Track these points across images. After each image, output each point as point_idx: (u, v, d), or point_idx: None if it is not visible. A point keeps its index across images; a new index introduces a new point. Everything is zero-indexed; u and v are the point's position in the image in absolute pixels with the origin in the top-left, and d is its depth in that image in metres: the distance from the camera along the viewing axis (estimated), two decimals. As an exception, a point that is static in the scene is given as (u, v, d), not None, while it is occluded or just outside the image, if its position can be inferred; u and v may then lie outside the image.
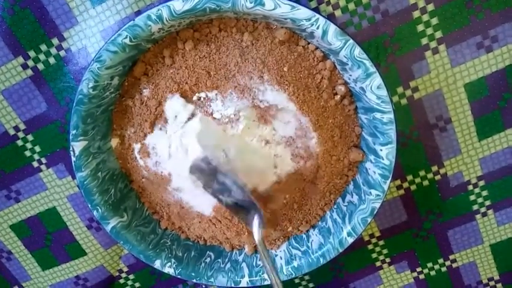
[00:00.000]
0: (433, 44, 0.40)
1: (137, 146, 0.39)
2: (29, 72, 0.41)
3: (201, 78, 0.35)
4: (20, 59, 0.40)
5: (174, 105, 0.36)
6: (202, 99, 0.36)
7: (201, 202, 0.41)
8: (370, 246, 0.50)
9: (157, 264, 0.42)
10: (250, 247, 0.44)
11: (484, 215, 0.48)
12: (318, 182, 0.40)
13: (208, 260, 0.44)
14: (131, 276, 0.53)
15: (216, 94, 0.36)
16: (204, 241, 0.45)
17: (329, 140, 0.38)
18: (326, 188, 0.41)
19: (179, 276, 0.42)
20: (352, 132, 0.39)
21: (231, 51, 0.35)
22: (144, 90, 0.37)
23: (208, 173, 0.37)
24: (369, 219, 0.38)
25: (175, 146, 0.37)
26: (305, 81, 0.36)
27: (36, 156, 0.45)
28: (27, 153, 0.45)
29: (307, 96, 0.36)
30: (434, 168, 0.45)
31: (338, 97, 0.37)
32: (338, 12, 0.39)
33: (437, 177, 0.46)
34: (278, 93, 0.35)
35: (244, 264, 0.43)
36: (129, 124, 0.39)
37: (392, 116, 0.34)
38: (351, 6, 0.38)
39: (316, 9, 0.38)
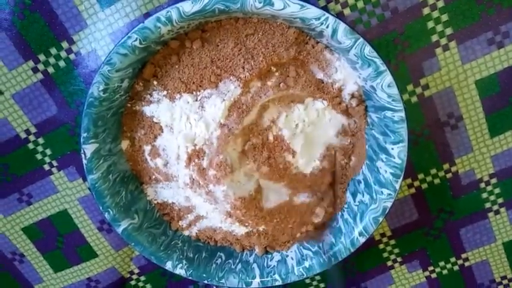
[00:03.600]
0: (443, 41, 0.39)
1: (147, 148, 0.39)
2: (39, 75, 0.41)
3: (205, 75, 0.35)
4: (30, 63, 0.41)
5: (182, 106, 0.36)
6: (207, 95, 0.36)
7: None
8: (381, 246, 0.50)
9: (169, 265, 0.42)
10: (261, 248, 0.44)
11: (497, 212, 0.48)
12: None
13: (219, 261, 0.43)
14: (142, 278, 0.53)
15: (221, 90, 0.36)
16: (215, 242, 0.45)
17: None
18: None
19: (190, 278, 0.42)
20: None
21: (237, 49, 0.35)
22: (153, 93, 0.37)
23: None
24: (380, 219, 0.38)
25: (182, 145, 0.37)
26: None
27: (47, 159, 0.45)
28: (39, 156, 0.45)
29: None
30: (446, 166, 0.45)
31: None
32: (346, 11, 0.38)
33: (449, 175, 0.45)
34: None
35: (255, 265, 0.43)
36: (139, 126, 0.39)
37: (403, 114, 0.34)
38: (360, 4, 0.38)
39: (325, 8, 0.38)
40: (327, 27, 0.32)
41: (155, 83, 0.36)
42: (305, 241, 0.43)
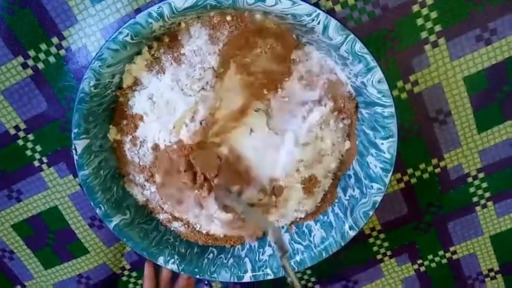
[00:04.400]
0: (433, 38, 0.40)
1: (127, 139, 0.39)
2: (29, 71, 0.41)
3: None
4: (20, 59, 0.40)
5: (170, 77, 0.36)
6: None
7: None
8: (371, 240, 0.51)
9: (161, 260, 0.42)
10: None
11: (484, 206, 0.48)
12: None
13: (211, 255, 0.44)
14: (133, 274, 0.53)
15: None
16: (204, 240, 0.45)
17: None
18: None
19: (182, 273, 0.42)
20: None
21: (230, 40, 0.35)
22: (141, 79, 0.36)
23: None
24: (370, 213, 0.38)
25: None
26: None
27: (37, 156, 0.45)
28: (28, 153, 0.45)
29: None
30: (434, 161, 0.46)
31: None
32: (337, 7, 0.39)
33: (437, 170, 0.46)
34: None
35: (247, 260, 0.43)
36: (122, 117, 0.39)
37: (393, 110, 0.34)
38: (351, 1, 0.38)
39: (316, 5, 0.38)
40: (318, 23, 0.32)
41: (144, 73, 0.36)
42: None
